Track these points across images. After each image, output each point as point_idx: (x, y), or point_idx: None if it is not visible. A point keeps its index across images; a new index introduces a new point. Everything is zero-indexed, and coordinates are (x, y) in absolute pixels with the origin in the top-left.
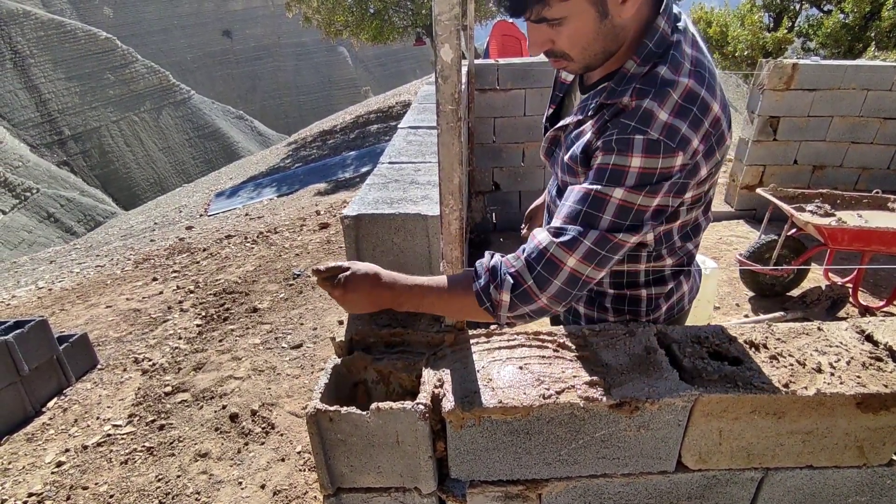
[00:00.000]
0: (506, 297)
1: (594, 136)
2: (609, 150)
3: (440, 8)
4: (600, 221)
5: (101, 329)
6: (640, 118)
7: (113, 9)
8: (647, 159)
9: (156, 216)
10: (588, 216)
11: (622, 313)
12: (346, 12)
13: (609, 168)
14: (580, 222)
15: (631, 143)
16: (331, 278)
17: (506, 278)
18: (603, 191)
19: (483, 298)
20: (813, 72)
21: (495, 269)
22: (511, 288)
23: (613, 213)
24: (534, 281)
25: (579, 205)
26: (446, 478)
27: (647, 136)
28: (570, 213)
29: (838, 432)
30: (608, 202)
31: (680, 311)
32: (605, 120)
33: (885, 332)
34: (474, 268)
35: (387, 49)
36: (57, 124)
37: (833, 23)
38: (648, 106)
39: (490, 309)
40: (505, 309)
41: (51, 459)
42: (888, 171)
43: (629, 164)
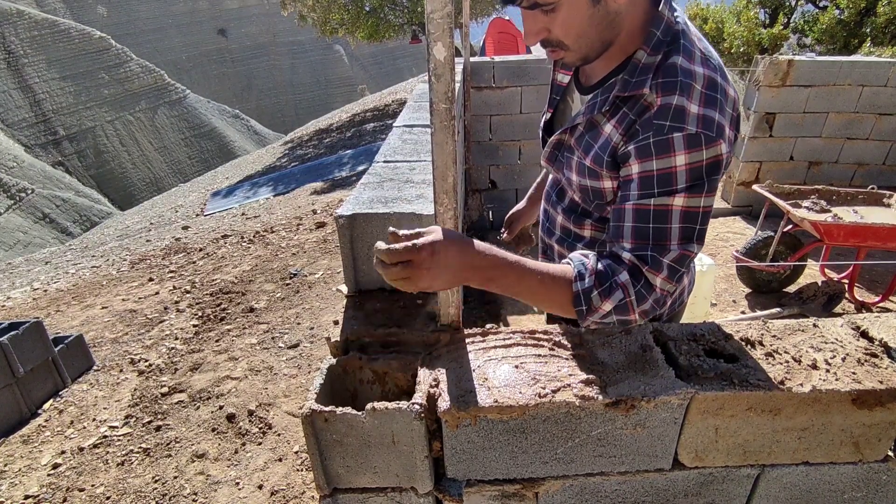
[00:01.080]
0: (608, 306)
1: (620, 137)
2: (647, 156)
3: (432, 6)
4: (671, 235)
5: (97, 330)
6: (673, 116)
7: (107, 8)
8: (690, 154)
9: (152, 216)
10: (658, 233)
11: None
12: (341, 10)
13: (654, 175)
14: (653, 241)
15: (671, 143)
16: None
17: (616, 289)
18: (661, 202)
19: (581, 300)
20: (808, 68)
21: (604, 275)
22: (618, 300)
23: (679, 221)
24: (635, 296)
25: (644, 223)
26: (443, 477)
27: (685, 131)
28: (639, 233)
29: (834, 429)
30: (671, 213)
31: (680, 304)
32: (632, 119)
33: (881, 329)
34: (573, 265)
35: (383, 47)
36: (51, 124)
37: (828, 19)
38: (679, 102)
39: (583, 312)
40: (598, 316)
41: (47, 461)
42: (884, 167)
43: (674, 164)
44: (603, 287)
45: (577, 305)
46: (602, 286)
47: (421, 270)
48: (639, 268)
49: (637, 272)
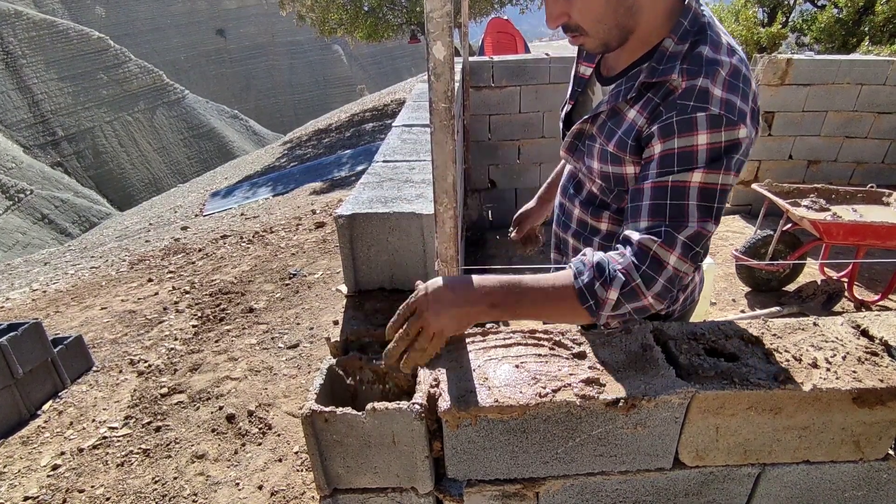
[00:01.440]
0: (613, 294)
1: (645, 121)
2: (670, 135)
3: (432, 5)
4: (688, 211)
5: (97, 331)
6: (697, 97)
7: (105, 8)
8: (712, 134)
9: (151, 217)
10: (675, 209)
11: None
12: (340, 10)
13: (675, 152)
14: (670, 218)
15: (694, 122)
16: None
17: (616, 275)
18: (679, 179)
19: (587, 296)
20: (807, 67)
21: (601, 266)
22: (621, 285)
23: (697, 198)
24: (641, 279)
25: (661, 199)
26: (443, 477)
27: (708, 111)
28: (655, 211)
29: (834, 427)
30: (688, 189)
31: (692, 302)
32: (657, 102)
33: (881, 327)
34: (572, 267)
35: (382, 47)
36: (50, 125)
37: (827, 17)
38: (703, 84)
39: (592, 308)
40: (609, 308)
41: (46, 462)
42: (883, 166)
43: (696, 142)
44: (603, 277)
45: (583, 302)
46: (602, 276)
47: (426, 315)
48: (647, 248)
49: (643, 253)
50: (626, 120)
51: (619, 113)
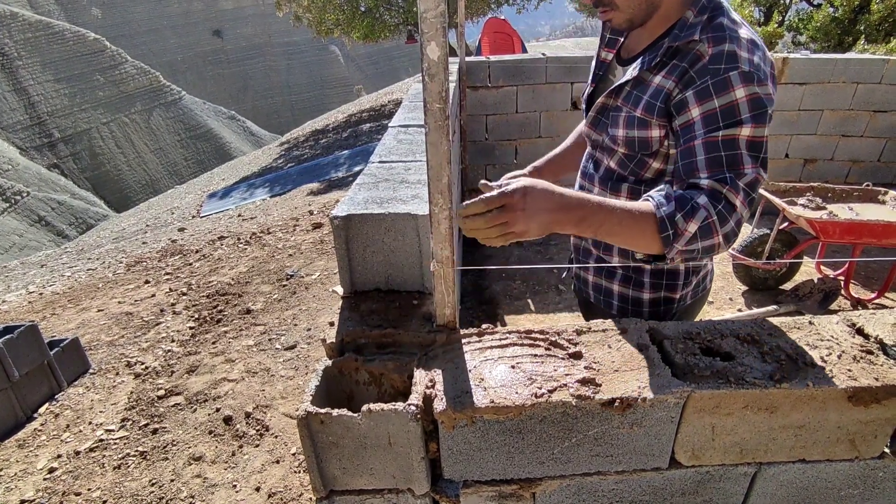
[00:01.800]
0: (693, 227)
1: (674, 84)
2: (708, 97)
3: (425, 5)
4: (743, 160)
5: (93, 333)
6: (726, 59)
7: (101, 9)
8: (747, 87)
9: (148, 218)
10: (731, 159)
11: (659, 289)
12: (336, 10)
13: (718, 110)
14: (728, 167)
15: (729, 80)
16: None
17: (698, 208)
18: (729, 132)
19: (667, 225)
20: (803, 66)
21: (684, 199)
22: (702, 219)
23: (747, 148)
24: (717, 217)
25: (715, 152)
26: (439, 478)
27: (740, 69)
28: (713, 162)
29: (830, 426)
30: (739, 140)
31: (704, 290)
32: (685, 68)
33: (876, 326)
34: (653, 198)
35: (379, 47)
36: (46, 127)
37: (823, 16)
38: (730, 49)
39: (669, 238)
40: (684, 240)
41: (43, 466)
42: (878, 164)
43: (735, 97)
44: (685, 209)
45: (663, 231)
46: (684, 208)
47: (516, 213)
48: (718, 190)
49: (716, 194)
50: (651, 85)
51: (644, 81)
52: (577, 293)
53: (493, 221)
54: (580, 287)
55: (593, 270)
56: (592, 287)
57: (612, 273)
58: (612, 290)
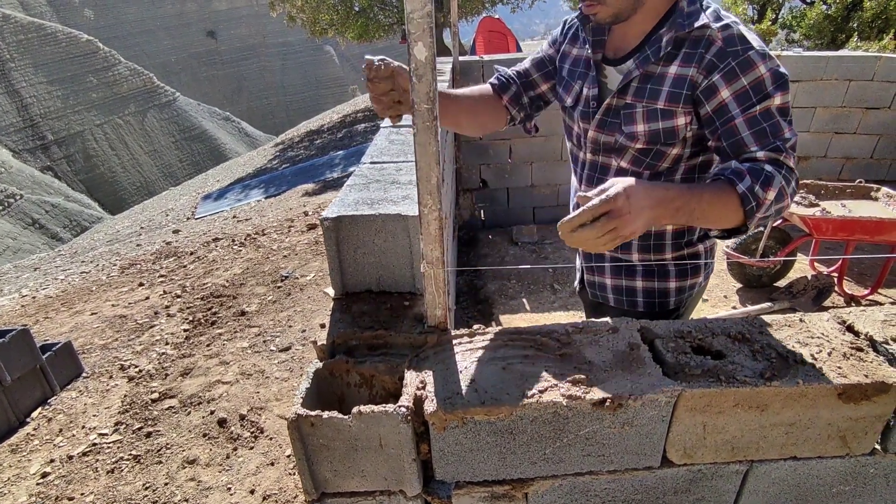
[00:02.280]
0: (772, 194)
1: (697, 71)
2: (734, 77)
3: (412, 6)
4: (783, 126)
5: (87, 336)
6: (740, 41)
7: (94, 10)
8: (766, 62)
9: (142, 220)
10: (773, 127)
11: (684, 276)
12: (330, 10)
13: (748, 87)
14: (773, 135)
15: (750, 60)
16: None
17: (773, 175)
18: (763, 105)
19: (750, 198)
20: (796, 63)
21: (756, 170)
22: (778, 185)
23: (781, 115)
24: (784, 181)
25: (757, 125)
26: (431, 480)
27: (754, 49)
28: (759, 135)
29: (821, 423)
30: (773, 110)
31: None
32: (702, 53)
33: (866, 323)
34: (724, 175)
35: (373, 47)
36: (39, 129)
37: (816, 14)
38: (737, 31)
39: (753, 209)
40: (765, 208)
41: (35, 470)
42: (871, 161)
43: (760, 73)
44: (761, 179)
45: (746, 204)
46: (759, 179)
47: (624, 217)
48: (776, 158)
49: (776, 161)
50: (668, 76)
51: (655, 74)
52: (591, 299)
53: (604, 229)
54: (595, 292)
55: (611, 272)
56: (612, 290)
57: (632, 270)
58: (636, 288)
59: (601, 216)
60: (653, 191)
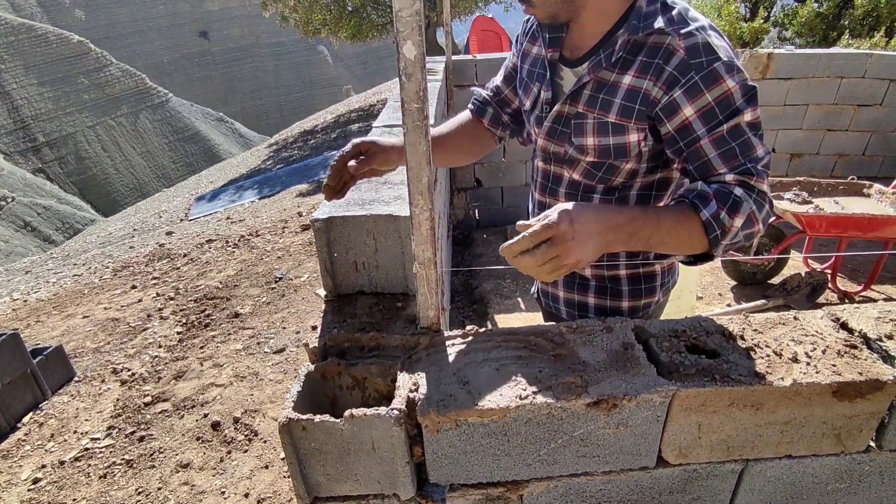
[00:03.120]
0: (739, 221)
1: (652, 84)
2: (698, 93)
3: (400, 4)
4: (754, 144)
5: (78, 340)
6: (705, 51)
7: (85, 11)
8: (733, 76)
9: (135, 222)
10: (743, 146)
11: (638, 296)
12: (323, 10)
13: (713, 104)
14: (742, 155)
15: (715, 73)
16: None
17: (742, 201)
18: (732, 123)
19: (714, 225)
20: (788, 61)
21: (723, 194)
22: (748, 212)
23: (751, 131)
24: (755, 206)
25: (725, 145)
26: (425, 482)
27: (720, 60)
28: (727, 155)
29: (816, 421)
30: (742, 127)
31: (673, 283)
32: (660, 65)
33: (860, 320)
34: (687, 198)
35: (367, 47)
36: (31, 131)
37: (808, 12)
38: (703, 39)
39: (717, 237)
40: (731, 236)
41: (27, 476)
42: (863, 158)
43: (727, 87)
44: (728, 205)
45: (710, 232)
46: (727, 204)
47: (567, 243)
48: (746, 182)
49: (746, 186)
50: (621, 86)
51: (608, 82)
52: (545, 309)
53: (545, 258)
54: (548, 303)
55: (563, 285)
56: (564, 303)
57: (584, 285)
58: (588, 304)
59: (542, 243)
60: (602, 215)
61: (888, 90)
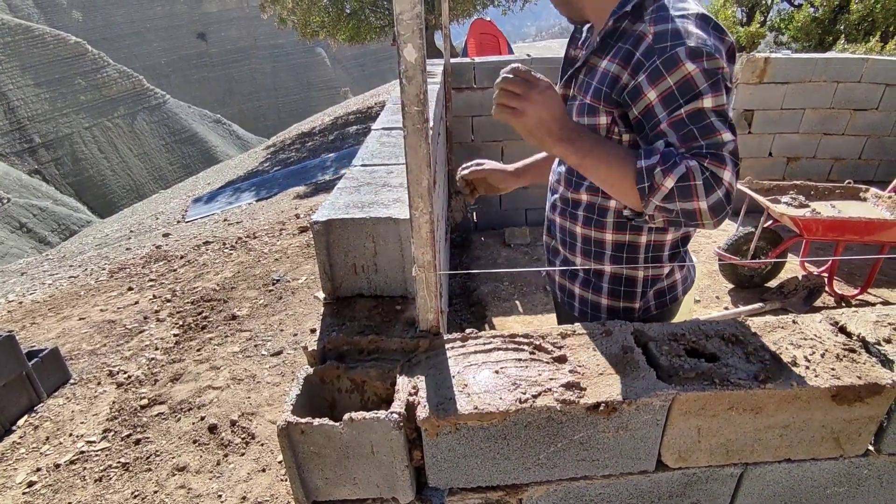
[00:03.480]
0: (669, 183)
1: (620, 68)
2: (660, 76)
3: (401, 7)
4: (716, 127)
5: (74, 342)
6: (671, 37)
7: (82, 12)
8: (696, 62)
9: (132, 224)
10: (704, 129)
11: (617, 297)
12: (322, 13)
13: (674, 88)
14: (703, 138)
15: (675, 57)
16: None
17: (679, 165)
18: (692, 107)
19: (644, 177)
20: (784, 65)
21: (668, 155)
22: (680, 177)
23: (718, 117)
24: (702, 182)
25: (683, 128)
26: (424, 486)
27: (686, 45)
28: (685, 137)
29: (815, 425)
30: (704, 111)
31: (673, 300)
32: (629, 49)
33: (858, 324)
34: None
35: (365, 49)
36: (27, 132)
37: (804, 16)
38: (673, 27)
39: (645, 190)
40: (660, 196)
41: (22, 479)
42: (859, 161)
43: (687, 71)
44: (667, 164)
45: (639, 182)
46: (667, 164)
47: (531, 101)
48: (701, 161)
49: (700, 165)
50: (598, 70)
51: (594, 67)
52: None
53: (501, 99)
54: (550, 285)
55: (559, 270)
56: (558, 287)
57: (574, 275)
58: (574, 293)
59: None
60: (559, 107)
61: (884, 94)
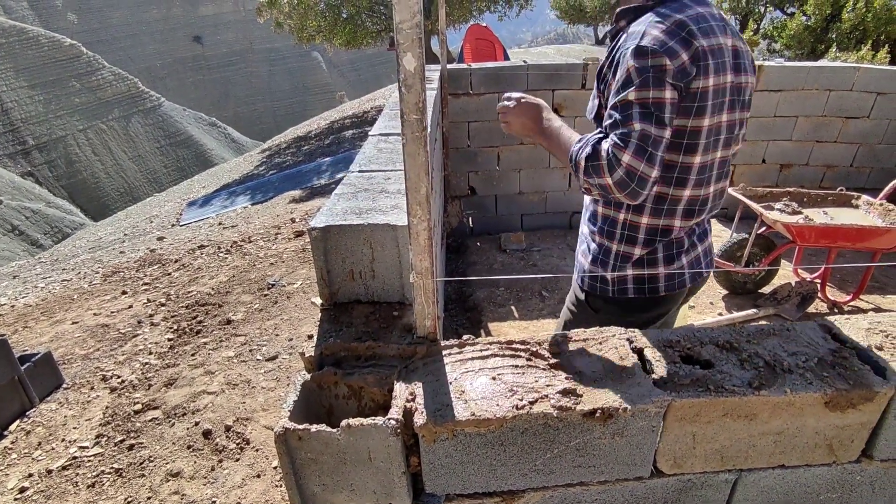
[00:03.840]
0: (582, 162)
1: (609, 61)
2: (617, 69)
3: (401, 16)
4: (631, 118)
5: (67, 346)
6: (632, 37)
7: (77, 14)
8: (637, 60)
9: (126, 227)
10: (623, 119)
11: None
12: (318, 17)
13: (621, 80)
14: (622, 125)
15: (627, 54)
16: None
17: (587, 147)
18: (621, 98)
19: (572, 157)
20: (778, 73)
21: (588, 140)
22: (588, 157)
23: (638, 108)
24: (606, 163)
25: (612, 115)
26: (421, 493)
27: (636, 45)
28: (613, 124)
29: (808, 431)
30: (629, 103)
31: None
32: (616, 46)
33: (851, 331)
34: None
35: (361, 53)
36: (20, 134)
37: (796, 25)
38: (638, 28)
39: (573, 168)
40: (581, 172)
41: (13, 485)
42: (851, 169)
43: (628, 66)
44: (585, 149)
45: (570, 161)
46: (585, 149)
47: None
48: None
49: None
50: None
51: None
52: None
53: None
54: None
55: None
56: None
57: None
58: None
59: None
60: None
61: (875, 103)
